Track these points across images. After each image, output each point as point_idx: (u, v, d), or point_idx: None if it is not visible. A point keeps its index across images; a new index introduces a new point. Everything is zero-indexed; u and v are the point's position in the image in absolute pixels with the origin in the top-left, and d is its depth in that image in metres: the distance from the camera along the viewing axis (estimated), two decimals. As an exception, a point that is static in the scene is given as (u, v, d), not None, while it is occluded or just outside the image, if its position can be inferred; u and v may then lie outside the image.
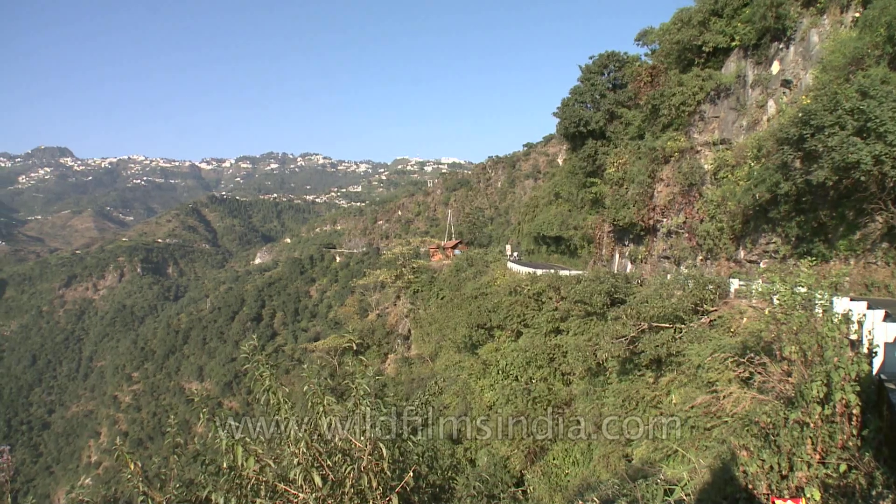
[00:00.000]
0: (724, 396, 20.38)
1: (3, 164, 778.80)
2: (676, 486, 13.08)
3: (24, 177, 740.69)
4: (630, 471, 21.42)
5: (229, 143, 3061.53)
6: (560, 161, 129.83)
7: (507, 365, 43.29)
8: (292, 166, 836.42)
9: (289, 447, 8.38)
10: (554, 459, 33.72)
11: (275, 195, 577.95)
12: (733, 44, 42.16)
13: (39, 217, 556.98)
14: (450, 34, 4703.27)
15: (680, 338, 27.85)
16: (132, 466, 8.06)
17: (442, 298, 74.20)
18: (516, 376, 41.57)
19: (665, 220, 46.11)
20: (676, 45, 46.54)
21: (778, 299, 20.03)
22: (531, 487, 32.85)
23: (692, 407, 23.03)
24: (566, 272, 50.74)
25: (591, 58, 64.11)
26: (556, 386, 39.47)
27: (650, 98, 49.20)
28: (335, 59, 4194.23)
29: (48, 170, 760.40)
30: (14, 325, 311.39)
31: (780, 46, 38.06)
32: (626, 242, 53.07)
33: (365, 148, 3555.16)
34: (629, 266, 51.60)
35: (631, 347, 30.31)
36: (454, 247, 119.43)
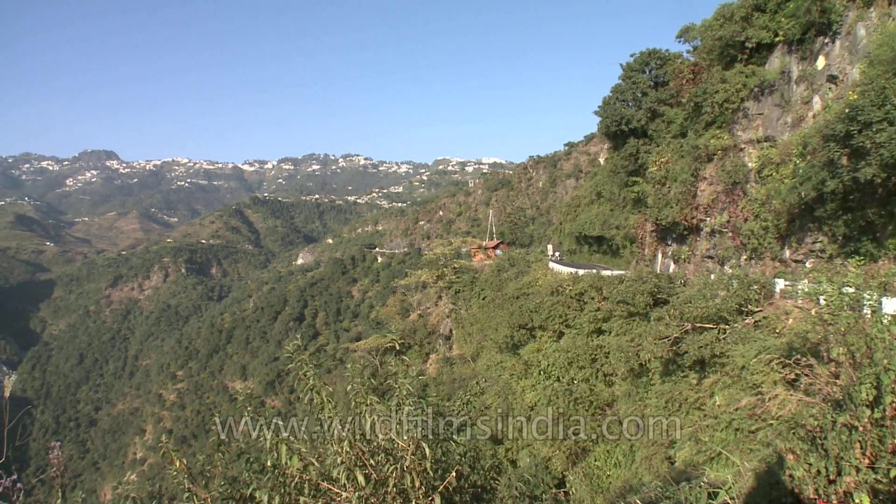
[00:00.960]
0: (769, 398, 20.06)
1: (51, 168, 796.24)
2: (720, 489, 12.85)
3: (71, 179, 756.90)
4: (673, 473, 21.22)
5: (271, 144, 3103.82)
6: (601, 160, 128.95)
7: (548, 365, 43.11)
8: (334, 167, 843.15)
9: (332, 446, 8.42)
10: (596, 461, 33.53)
11: (316, 196, 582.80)
12: (777, 39, 41.44)
13: (86, 219, 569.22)
14: (489, 33, 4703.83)
15: (724, 339, 27.50)
16: (177, 463, 8.18)
17: (483, 299, 74.10)
18: (558, 377, 41.36)
19: (708, 219, 45.53)
20: (719, 41, 45.89)
21: (825, 299, 19.70)
22: (573, 489, 32.71)
23: (736, 409, 22.71)
24: (608, 272, 50.47)
25: (632, 55, 63.53)
26: (598, 387, 39.22)
27: (692, 95, 48.64)
28: (376, 59, 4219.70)
29: (94, 172, 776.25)
30: (62, 324, 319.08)
31: (826, 41, 37.35)
32: (669, 242, 52.53)
33: (406, 149, 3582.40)
34: (672, 266, 51.08)
35: (674, 348, 29.99)
36: (495, 247, 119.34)
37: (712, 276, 34.82)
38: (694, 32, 53.67)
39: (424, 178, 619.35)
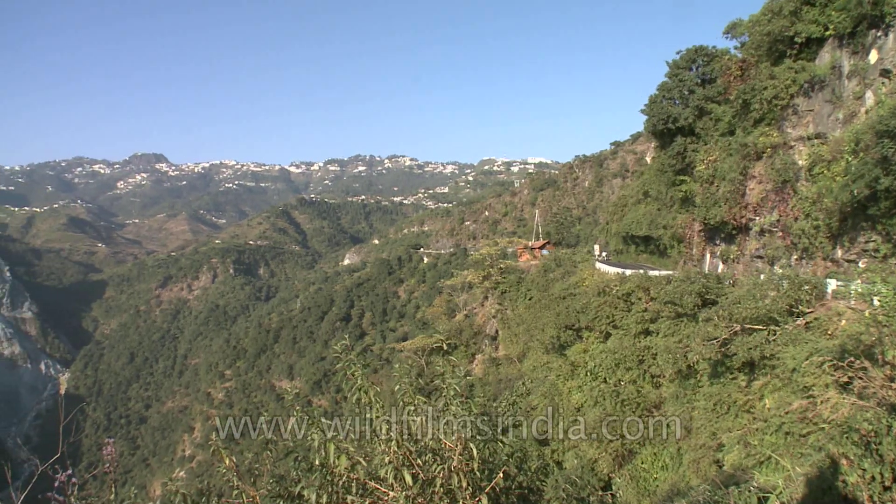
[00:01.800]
0: (821, 402, 19.67)
1: (102, 171, 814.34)
2: (771, 494, 12.64)
3: (122, 182, 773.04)
4: (721, 477, 20.93)
5: (317, 146, 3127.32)
6: (648, 159, 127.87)
7: (595, 366, 42.88)
8: (380, 168, 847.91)
9: (380, 446, 8.52)
10: (642, 463, 33.25)
11: (363, 197, 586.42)
12: (827, 33, 40.68)
13: (137, 220, 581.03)
14: (536, 32, 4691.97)
15: (774, 340, 27.06)
16: (227, 461, 8.39)
17: (530, 299, 73.90)
18: (605, 378, 41.14)
19: (758, 218, 44.86)
20: (767, 36, 45.20)
21: (879, 300, 19.26)
22: (619, 491, 32.44)
23: (787, 412, 22.36)
24: (656, 272, 50.11)
25: (678, 53, 62.81)
26: (645, 388, 38.93)
27: (740, 92, 47.93)
28: (422, 60, 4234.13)
29: (145, 175, 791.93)
30: (114, 323, 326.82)
31: (878, 34, 36.55)
32: (718, 242, 51.88)
33: (451, 149, 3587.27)
34: (720, 266, 50.46)
35: (723, 350, 29.62)
36: (542, 247, 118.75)
37: (762, 277, 34.27)
38: (741, 28, 52.92)
39: (470, 178, 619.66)
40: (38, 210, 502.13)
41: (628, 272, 52.53)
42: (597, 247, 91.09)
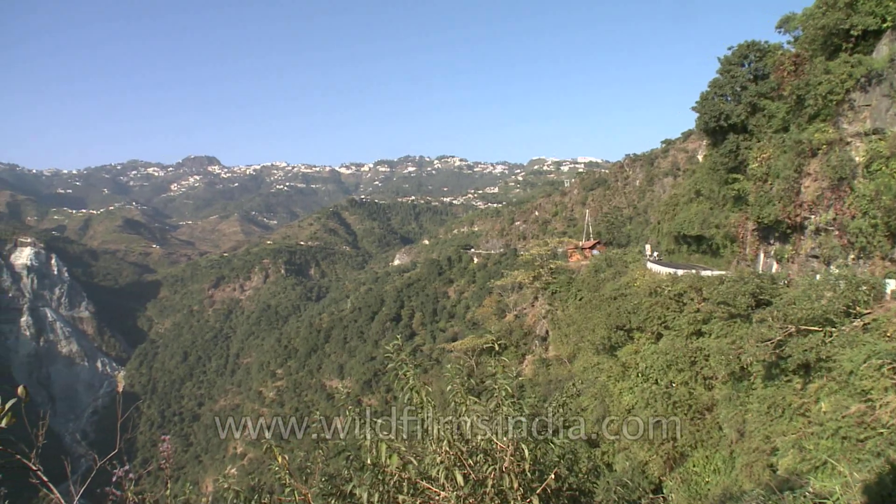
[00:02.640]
0: (879, 406, 19.24)
1: (157, 174, 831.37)
2: (827, 500, 12.35)
3: (175, 185, 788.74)
4: (776, 482, 20.54)
5: (367, 147, 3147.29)
6: (700, 157, 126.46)
7: (646, 368, 42.51)
8: (429, 169, 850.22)
9: (431, 446, 8.58)
10: (694, 467, 32.90)
11: (412, 197, 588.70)
12: (885, 25, 39.77)
13: (190, 222, 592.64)
14: (583, 29, 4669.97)
15: (830, 342, 26.50)
16: (280, 459, 8.52)
17: (580, 299, 73.49)
18: (656, 379, 40.74)
19: (813, 216, 43.99)
20: (821, 30, 44.34)
21: (939, 301, 18.68)
22: (671, 495, 32.10)
23: (844, 416, 21.88)
24: (708, 272, 49.57)
25: (729, 48, 61.89)
26: (697, 390, 38.42)
27: (794, 88, 47.09)
28: (470, 58, 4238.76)
29: (197, 178, 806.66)
30: (168, 323, 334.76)
31: (939, 27, 35.64)
32: (771, 241, 51.04)
33: (501, 149, 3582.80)
34: (775, 266, 49.63)
35: (777, 351, 29.11)
36: (592, 247, 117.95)
37: (818, 277, 33.62)
38: (795, 22, 52.04)
39: (520, 178, 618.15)
40: (94, 212, 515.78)
41: (680, 272, 52.03)
42: (648, 247, 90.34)
